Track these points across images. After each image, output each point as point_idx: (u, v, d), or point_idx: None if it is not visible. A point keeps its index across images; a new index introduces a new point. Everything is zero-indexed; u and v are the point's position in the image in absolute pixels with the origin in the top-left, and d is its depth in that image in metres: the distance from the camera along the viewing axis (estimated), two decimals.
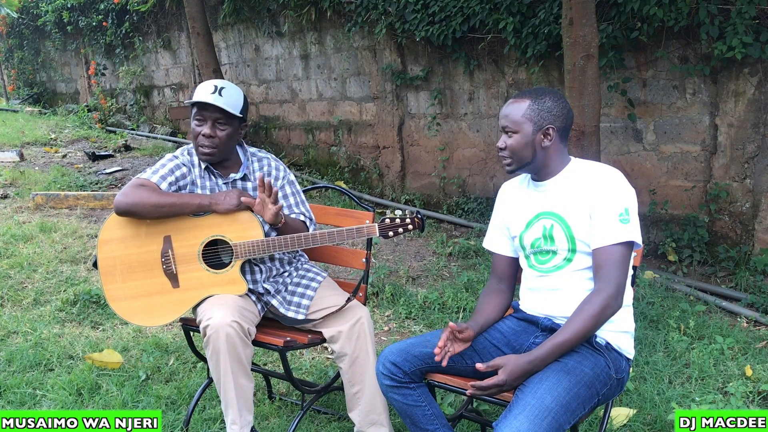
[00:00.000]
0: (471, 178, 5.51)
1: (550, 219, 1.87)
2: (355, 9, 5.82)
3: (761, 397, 2.66)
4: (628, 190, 1.81)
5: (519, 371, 1.67)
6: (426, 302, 3.69)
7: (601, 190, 1.79)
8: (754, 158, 3.86)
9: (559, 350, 1.71)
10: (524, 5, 4.55)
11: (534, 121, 1.84)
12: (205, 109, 2.19)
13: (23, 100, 12.14)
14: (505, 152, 1.88)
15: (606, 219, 1.76)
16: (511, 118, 1.85)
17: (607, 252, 1.75)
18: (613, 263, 1.74)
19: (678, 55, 4.04)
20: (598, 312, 1.71)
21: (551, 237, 1.86)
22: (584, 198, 1.81)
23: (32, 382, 2.80)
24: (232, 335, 2.02)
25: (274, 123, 7.44)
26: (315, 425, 2.53)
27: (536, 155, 1.86)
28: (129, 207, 2.12)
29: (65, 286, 3.84)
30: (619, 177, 1.82)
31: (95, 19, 9.68)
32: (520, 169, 1.90)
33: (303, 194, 2.42)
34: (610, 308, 1.72)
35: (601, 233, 1.76)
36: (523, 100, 1.86)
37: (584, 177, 1.85)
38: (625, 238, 1.75)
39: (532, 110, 1.84)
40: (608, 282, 1.73)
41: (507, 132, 1.86)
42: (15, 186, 6.05)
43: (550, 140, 1.85)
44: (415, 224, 2.21)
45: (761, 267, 3.76)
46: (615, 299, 1.72)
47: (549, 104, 1.85)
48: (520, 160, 1.87)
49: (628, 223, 1.76)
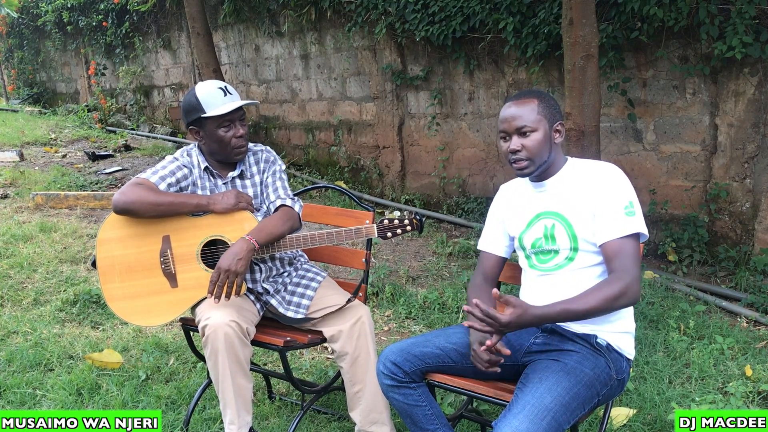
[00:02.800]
0: (471, 178, 5.51)
1: (551, 219, 1.87)
2: (355, 9, 5.82)
3: (761, 397, 2.66)
4: (629, 185, 1.81)
5: (525, 321, 1.65)
6: (426, 302, 3.69)
7: (604, 186, 1.79)
8: (754, 158, 3.86)
9: (566, 317, 1.70)
10: (524, 5, 4.55)
11: (548, 119, 1.83)
12: (232, 113, 2.20)
13: (23, 100, 12.14)
14: (522, 153, 1.82)
15: (612, 213, 1.76)
16: (528, 117, 1.81)
17: (618, 245, 1.74)
18: (625, 254, 1.73)
19: (678, 55, 4.04)
20: (615, 295, 1.68)
21: (552, 236, 1.86)
22: (586, 196, 1.81)
23: (32, 382, 2.80)
24: (230, 335, 2.02)
25: (274, 123, 7.44)
26: (315, 425, 2.52)
27: (551, 153, 1.86)
28: (127, 205, 2.12)
29: (65, 286, 3.84)
30: (619, 172, 1.82)
31: (95, 19, 9.68)
32: (536, 170, 1.85)
33: (287, 182, 2.40)
34: (626, 297, 1.69)
35: (609, 227, 1.76)
36: (530, 99, 1.84)
37: (584, 175, 1.85)
38: (633, 230, 1.75)
39: (543, 108, 1.83)
40: (625, 272, 1.70)
41: (524, 133, 1.82)
42: (15, 186, 6.05)
43: (560, 136, 1.86)
44: (414, 225, 2.22)
45: (761, 267, 3.76)
46: (632, 288, 1.69)
47: (552, 102, 1.87)
48: (538, 160, 1.83)
49: (634, 215, 1.76)
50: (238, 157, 2.27)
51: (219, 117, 2.18)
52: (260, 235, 2.12)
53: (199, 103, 2.18)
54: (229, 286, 2.05)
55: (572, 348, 1.80)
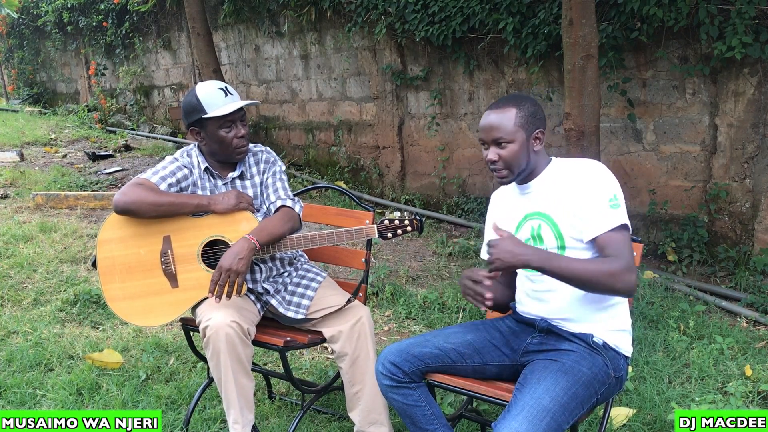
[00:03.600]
0: (471, 178, 5.51)
1: (537, 219, 1.88)
2: (355, 9, 5.82)
3: (761, 397, 2.66)
4: (612, 179, 1.79)
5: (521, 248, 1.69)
6: (426, 302, 3.69)
7: (586, 182, 1.78)
8: (753, 158, 3.86)
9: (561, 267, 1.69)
10: (524, 5, 4.55)
11: (526, 128, 1.83)
12: (233, 113, 2.20)
13: (23, 100, 12.14)
14: (499, 164, 1.84)
15: (597, 207, 1.75)
16: (505, 128, 1.81)
17: (607, 237, 1.73)
18: (616, 243, 1.72)
19: (678, 55, 4.04)
20: (613, 272, 1.66)
21: (540, 237, 1.87)
22: (569, 193, 1.81)
23: (32, 382, 2.80)
24: (231, 335, 2.02)
25: (274, 123, 7.44)
26: (315, 425, 2.53)
27: (529, 161, 1.86)
28: (127, 205, 2.12)
29: (65, 286, 3.84)
30: (601, 167, 1.82)
31: (95, 19, 9.68)
32: (515, 178, 1.88)
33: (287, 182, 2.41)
34: (622, 281, 1.67)
35: (595, 222, 1.75)
36: (507, 108, 1.83)
37: (567, 174, 1.85)
38: (620, 222, 1.73)
39: (521, 117, 1.82)
40: (619, 258, 1.69)
41: (500, 143, 1.82)
42: (15, 186, 6.06)
43: (540, 144, 1.86)
44: (414, 226, 2.23)
45: (761, 267, 3.76)
46: (626, 275, 1.67)
47: (532, 109, 1.85)
48: (516, 169, 1.85)
49: (619, 207, 1.75)
50: (239, 157, 2.28)
51: (220, 117, 2.18)
52: (261, 235, 2.12)
53: (200, 103, 2.18)
54: (230, 286, 2.05)
55: (569, 348, 1.80)
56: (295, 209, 2.27)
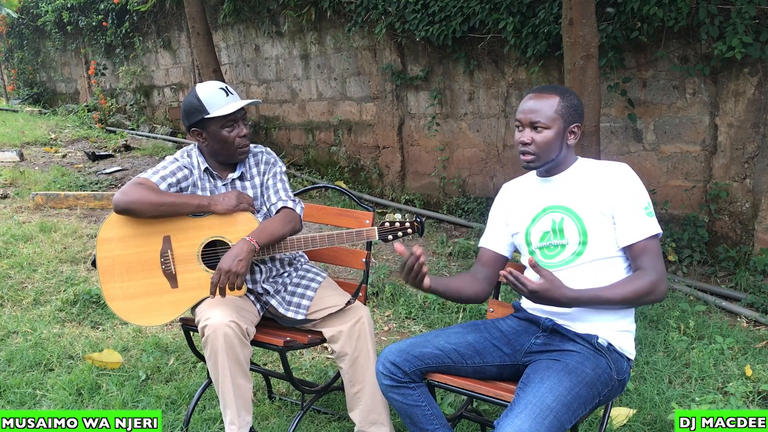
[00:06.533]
0: (471, 178, 5.51)
1: (559, 213, 1.87)
2: (355, 9, 5.82)
3: (761, 397, 2.66)
4: (643, 185, 1.83)
5: (554, 296, 1.68)
6: (426, 302, 3.69)
7: (621, 185, 1.80)
8: (754, 158, 3.86)
9: (597, 303, 1.73)
10: (524, 5, 4.55)
11: (565, 118, 1.83)
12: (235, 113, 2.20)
13: (23, 100, 12.13)
14: (531, 147, 1.83)
15: (634, 215, 1.78)
16: (544, 113, 1.81)
17: (643, 246, 1.77)
18: (651, 254, 1.76)
19: (678, 55, 4.04)
20: (646, 289, 1.72)
21: (561, 230, 1.86)
22: (599, 192, 1.81)
23: (32, 382, 2.80)
24: (230, 335, 2.02)
25: (274, 123, 7.44)
26: (315, 425, 2.52)
27: (561, 152, 1.85)
28: (128, 205, 2.12)
29: (65, 286, 3.84)
30: (634, 173, 1.84)
31: (95, 19, 9.68)
32: (541, 166, 1.87)
33: (288, 183, 2.41)
34: (654, 293, 1.73)
35: (632, 229, 1.77)
36: (551, 95, 1.83)
37: (596, 174, 1.85)
38: (654, 231, 1.78)
39: (563, 107, 1.82)
40: (654, 270, 1.74)
41: (536, 127, 1.82)
42: (15, 186, 6.05)
43: (575, 138, 1.86)
44: (415, 228, 2.22)
45: (761, 267, 3.76)
46: (661, 285, 1.73)
47: (575, 102, 1.85)
48: (545, 157, 1.84)
49: (653, 215, 1.79)
50: (241, 157, 2.28)
51: (222, 117, 2.18)
52: (261, 236, 2.12)
53: (202, 104, 2.18)
54: (229, 287, 2.05)
55: (573, 348, 1.80)
56: (296, 210, 2.27)
